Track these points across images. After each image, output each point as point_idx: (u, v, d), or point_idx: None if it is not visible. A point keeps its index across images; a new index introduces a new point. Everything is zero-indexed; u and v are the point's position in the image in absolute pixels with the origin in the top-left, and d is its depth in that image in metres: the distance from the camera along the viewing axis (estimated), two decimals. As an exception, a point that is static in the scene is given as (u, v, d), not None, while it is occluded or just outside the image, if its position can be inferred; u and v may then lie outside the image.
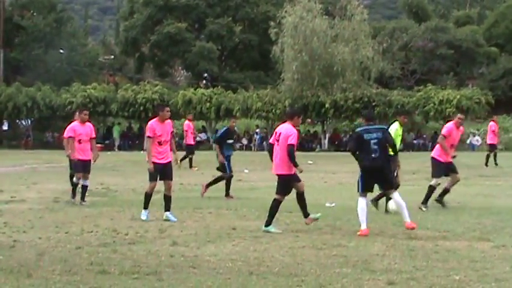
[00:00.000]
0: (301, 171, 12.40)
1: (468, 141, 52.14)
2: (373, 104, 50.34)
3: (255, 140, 54.39)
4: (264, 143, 50.88)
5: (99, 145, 53.40)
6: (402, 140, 16.71)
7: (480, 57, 66.33)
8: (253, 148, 53.63)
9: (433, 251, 10.33)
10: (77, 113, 17.61)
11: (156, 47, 75.40)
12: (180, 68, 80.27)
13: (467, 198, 17.86)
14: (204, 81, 69.32)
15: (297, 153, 12.42)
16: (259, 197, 18.42)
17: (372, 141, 12.12)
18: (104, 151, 50.32)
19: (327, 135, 53.44)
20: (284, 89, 52.94)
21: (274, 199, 12.41)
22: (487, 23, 71.31)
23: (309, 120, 55.64)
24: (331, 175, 26.44)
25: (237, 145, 54.00)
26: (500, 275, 8.66)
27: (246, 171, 28.11)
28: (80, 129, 17.01)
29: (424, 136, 53.57)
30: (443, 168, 15.86)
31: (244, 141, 55.04)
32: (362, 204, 12.10)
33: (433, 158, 16.06)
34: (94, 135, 17.44)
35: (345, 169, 29.39)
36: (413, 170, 28.52)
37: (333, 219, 13.69)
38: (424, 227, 12.53)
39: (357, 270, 9.03)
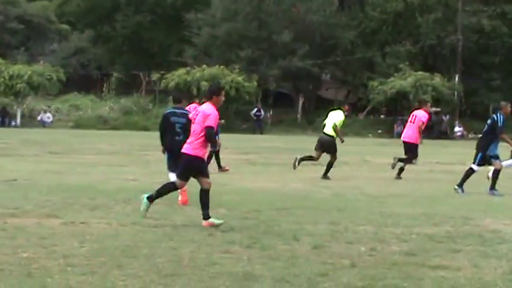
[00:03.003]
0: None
1: (39, 118, 51.95)
2: None
3: None
4: None
5: None
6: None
7: (52, 33, 66.27)
8: None
9: (1, 228, 9.99)
10: None
11: None
12: None
13: (36, 175, 17.68)
14: None
15: None
16: None
17: (177, 125, 13.08)
18: None
19: None
20: None
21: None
22: (59, 0, 71.47)
23: None
24: None
25: None
26: (68, 251, 8.66)
27: None
28: None
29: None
30: None
31: None
32: None
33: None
34: None
35: None
36: None
37: None
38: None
39: None
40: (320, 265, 8.15)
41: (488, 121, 16.28)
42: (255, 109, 53.70)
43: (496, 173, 16.10)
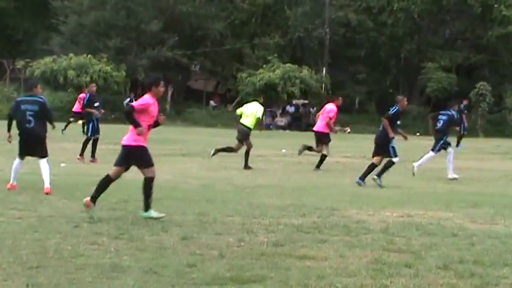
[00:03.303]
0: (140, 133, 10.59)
1: None
2: None
3: None
4: None
5: None
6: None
7: None
8: None
9: None
10: None
11: None
12: None
13: None
14: None
15: None
16: None
17: (28, 113, 13.21)
18: None
19: None
20: None
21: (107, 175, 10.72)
22: None
23: None
24: None
25: None
26: None
27: None
28: None
29: None
30: None
31: None
32: None
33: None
34: None
35: None
36: None
37: None
38: None
39: None
40: (188, 256, 8.13)
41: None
42: (128, 98, 52.98)
43: (390, 166, 16.57)
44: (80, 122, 47.43)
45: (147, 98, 10.67)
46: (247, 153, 19.80)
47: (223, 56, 58.87)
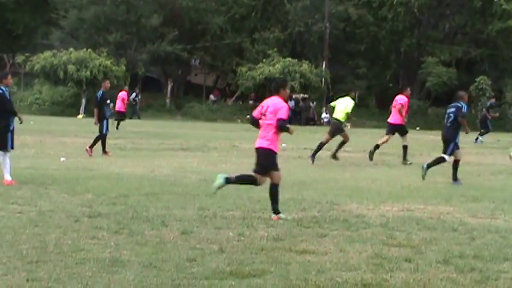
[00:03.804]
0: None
1: None
2: None
3: None
4: None
5: None
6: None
7: None
8: None
9: None
10: None
11: None
12: None
13: None
14: None
15: None
16: None
17: None
18: None
19: None
20: None
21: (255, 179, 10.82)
22: None
23: None
24: None
25: None
26: None
27: None
28: None
29: None
30: None
31: None
32: None
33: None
34: None
35: None
36: None
37: None
38: None
39: None
40: (188, 250, 8.13)
41: (452, 110, 16.43)
42: (134, 94, 52.94)
43: (457, 163, 16.39)
44: (80, 116, 47.62)
45: (283, 103, 10.77)
46: (342, 144, 20.48)
47: (223, 50, 58.81)
